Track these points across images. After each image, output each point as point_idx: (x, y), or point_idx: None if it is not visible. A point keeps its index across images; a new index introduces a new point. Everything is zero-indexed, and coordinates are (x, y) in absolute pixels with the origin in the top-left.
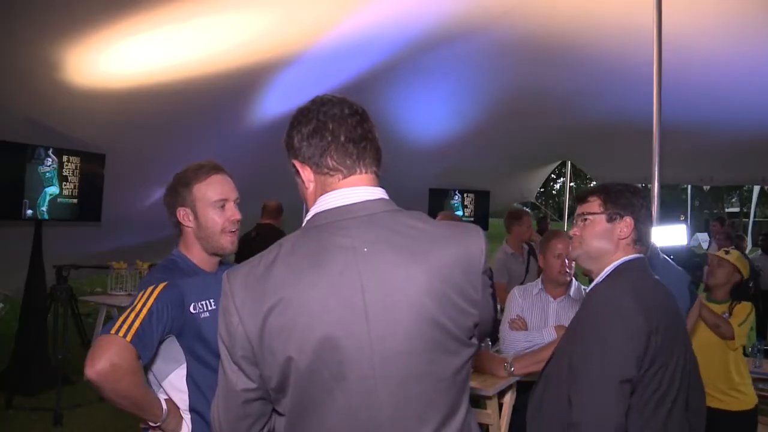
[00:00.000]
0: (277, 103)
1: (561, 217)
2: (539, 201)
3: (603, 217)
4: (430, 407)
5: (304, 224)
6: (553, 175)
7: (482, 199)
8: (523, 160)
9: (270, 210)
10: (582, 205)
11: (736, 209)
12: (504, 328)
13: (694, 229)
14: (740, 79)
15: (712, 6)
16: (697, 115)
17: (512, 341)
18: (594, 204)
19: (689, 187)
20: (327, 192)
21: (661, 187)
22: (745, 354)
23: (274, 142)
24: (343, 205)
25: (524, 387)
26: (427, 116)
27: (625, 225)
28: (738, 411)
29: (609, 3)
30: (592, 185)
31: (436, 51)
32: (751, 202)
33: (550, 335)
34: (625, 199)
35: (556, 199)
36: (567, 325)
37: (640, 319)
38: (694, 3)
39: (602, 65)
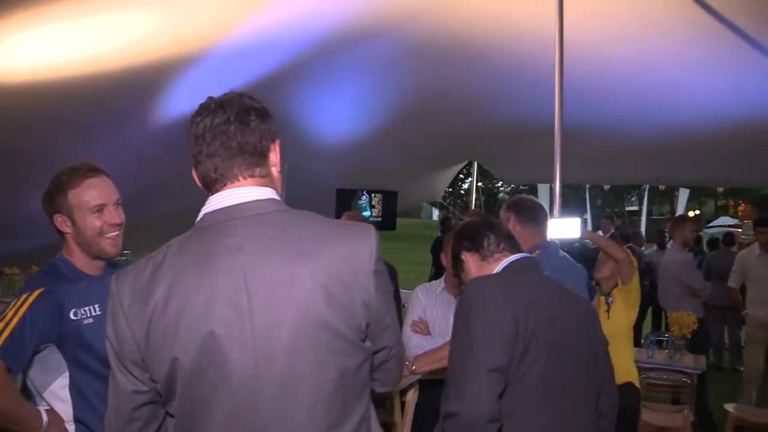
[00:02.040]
0: (183, 101)
1: None
2: (447, 201)
3: (462, 274)
4: (318, 409)
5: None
6: (461, 175)
7: (390, 199)
8: (430, 161)
9: None
10: None
11: (636, 207)
12: (406, 330)
13: (595, 227)
14: (637, 84)
15: (612, 14)
16: (597, 117)
17: (415, 347)
18: (461, 276)
19: (587, 186)
20: (215, 193)
21: (566, 186)
22: (639, 345)
23: (178, 141)
24: (231, 205)
25: (427, 385)
26: (334, 116)
27: (466, 263)
28: None
29: (514, 9)
30: (498, 185)
31: (343, 51)
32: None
33: None
34: (453, 250)
35: (464, 199)
36: None
37: (505, 309)
38: (594, 11)
39: (507, 68)
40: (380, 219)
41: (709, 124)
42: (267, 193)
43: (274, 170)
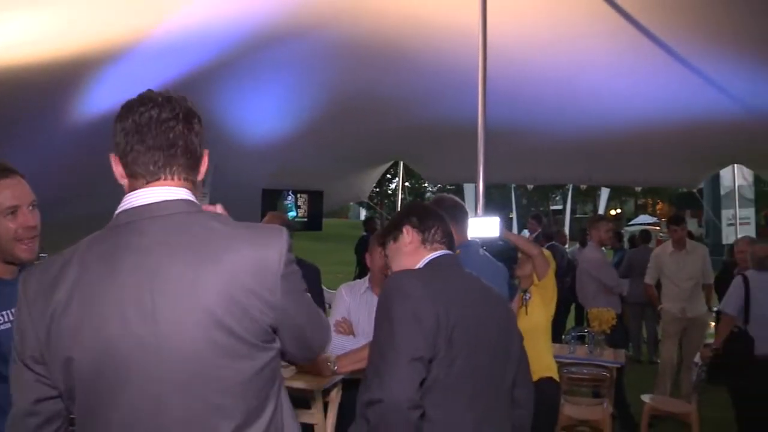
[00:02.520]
0: (103, 99)
1: None
2: (374, 201)
3: (390, 243)
4: (223, 412)
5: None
6: (389, 175)
7: (316, 199)
8: (356, 161)
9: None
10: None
11: (560, 207)
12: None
13: (521, 227)
14: (558, 86)
15: (534, 16)
16: (520, 118)
17: (337, 347)
18: (387, 244)
19: (513, 186)
20: (132, 191)
21: (492, 186)
22: (561, 341)
23: (98, 140)
24: (143, 205)
25: (350, 385)
26: (260, 116)
27: (404, 235)
28: None
29: (438, 10)
30: (425, 185)
31: (268, 50)
32: (572, 199)
33: None
34: (397, 219)
35: (392, 199)
36: None
37: (426, 302)
38: (517, 13)
39: (432, 69)
40: (306, 219)
41: (627, 125)
42: (181, 193)
43: (199, 177)
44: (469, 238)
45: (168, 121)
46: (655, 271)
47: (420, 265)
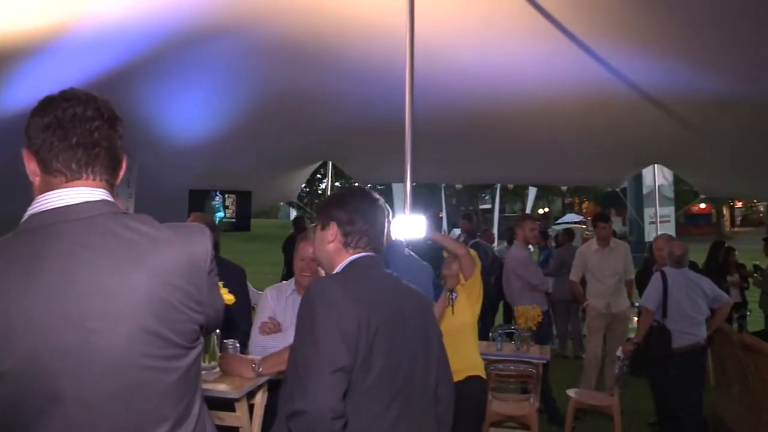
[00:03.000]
0: (21, 94)
1: None
2: (304, 201)
3: (318, 227)
4: (157, 415)
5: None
6: (319, 175)
7: (244, 199)
8: (284, 161)
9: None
10: None
11: (489, 206)
12: (254, 332)
13: (451, 225)
14: (485, 86)
15: (461, 18)
16: (447, 118)
17: (260, 347)
18: (316, 225)
19: (443, 186)
20: (47, 192)
21: (423, 186)
22: (488, 339)
23: (13, 139)
24: (60, 207)
25: (276, 386)
26: (185, 115)
27: (329, 230)
28: None
29: (365, 11)
30: (355, 185)
31: (194, 48)
32: (501, 199)
33: None
34: (327, 208)
35: (322, 199)
36: None
37: (349, 309)
38: (444, 15)
39: (360, 68)
40: (234, 220)
41: (553, 126)
42: (99, 194)
43: (117, 180)
44: (394, 238)
45: (93, 120)
46: (580, 269)
47: (340, 267)
